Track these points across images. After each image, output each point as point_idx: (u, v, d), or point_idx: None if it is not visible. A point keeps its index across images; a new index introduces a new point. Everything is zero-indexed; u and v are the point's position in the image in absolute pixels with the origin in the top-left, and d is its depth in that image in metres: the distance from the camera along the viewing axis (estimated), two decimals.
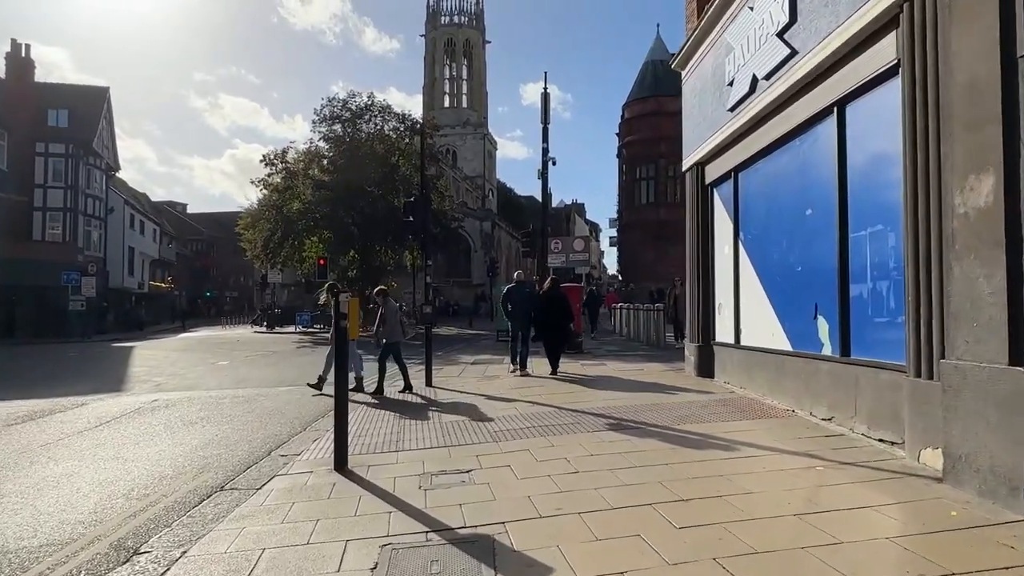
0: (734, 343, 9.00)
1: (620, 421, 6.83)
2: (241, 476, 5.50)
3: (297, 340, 25.68)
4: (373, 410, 8.49)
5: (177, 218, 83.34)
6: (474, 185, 63.43)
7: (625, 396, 8.56)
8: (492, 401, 8.73)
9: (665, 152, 43.07)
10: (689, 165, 10.59)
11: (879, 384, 5.48)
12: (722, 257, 9.65)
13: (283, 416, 8.58)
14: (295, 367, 15.35)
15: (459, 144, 65.23)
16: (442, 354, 17.43)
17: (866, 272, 5.81)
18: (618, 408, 7.59)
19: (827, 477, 4.57)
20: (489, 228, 50.42)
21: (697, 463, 5.06)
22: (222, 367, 16.01)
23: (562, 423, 6.88)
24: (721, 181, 9.61)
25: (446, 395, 9.57)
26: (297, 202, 30.00)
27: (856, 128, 6.00)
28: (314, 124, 31.79)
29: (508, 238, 59.20)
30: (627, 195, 46.50)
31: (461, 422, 7.28)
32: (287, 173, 30.90)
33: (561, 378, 11.01)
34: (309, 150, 31.60)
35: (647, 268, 42.27)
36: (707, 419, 6.78)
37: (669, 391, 8.89)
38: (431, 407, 8.50)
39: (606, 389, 9.31)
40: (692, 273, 10.45)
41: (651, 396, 8.48)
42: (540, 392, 9.30)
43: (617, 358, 14.14)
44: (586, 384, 10.02)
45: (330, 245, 31.42)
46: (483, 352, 17.25)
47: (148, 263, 50.74)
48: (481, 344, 20.89)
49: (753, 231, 8.54)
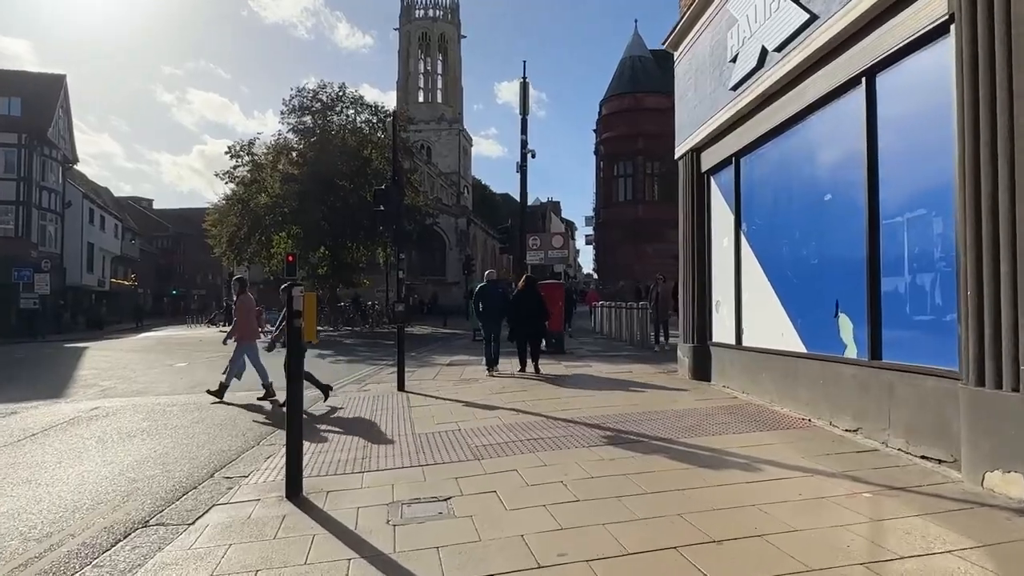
0: (735, 344, 8.27)
1: (618, 433, 6.03)
2: (173, 506, 4.58)
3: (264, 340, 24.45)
4: (340, 420, 7.59)
5: (142, 214, 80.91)
6: (449, 182, 62.37)
7: (618, 402, 7.78)
8: (471, 408, 7.88)
9: (643, 149, 42.70)
10: (683, 152, 9.85)
11: (921, 392, 4.76)
12: (720, 250, 8.93)
13: (236, 427, 7.63)
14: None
15: (434, 140, 64.11)
16: (416, 355, 16.52)
17: (903, 264, 5.09)
18: (613, 417, 6.80)
19: (882, 507, 3.82)
20: (464, 225, 49.44)
21: (719, 488, 4.28)
22: (179, 370, 14.91)
23: (553, 436, 6.06)
24: (719, 168, 8.88)
25: (420, 401, 8.70)
26: (264, 196, 28.77)
27: (890, 100, 5.27)
28: (282, 115, 30.62)
29: (484, 235, 58.28)
30: (605, 192, 45.95)
31: (437, 435, 6.42)
32: (254, 166, 29.62)
33: (544, 380, 10.21)
34: (277, 142, 30.37)
35: (624, 266, 41.80)
36: (716, 430, 6.01)
37: (665, 397, 8.13)
38: (403, 416, 7.62)
39: (595, 394, 8.52)
40: (686, 268, 9.72)
41: (647, 402, 7.71)
42: (524, 398, 8.48)
43: (601, 359, 13.38)
44: (572, 388, 9.22)
45: (299, 241, 30.19)
46: (459, 352, 16.38)
47: (109, 260, 48.82)
48: (457, 344, 20.01)
49: (758, 221, 7.82)
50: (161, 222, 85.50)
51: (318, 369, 14.40)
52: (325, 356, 17.48)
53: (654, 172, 43.38)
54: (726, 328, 8.65)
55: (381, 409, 8.23)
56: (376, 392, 9.86)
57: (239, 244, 29.28)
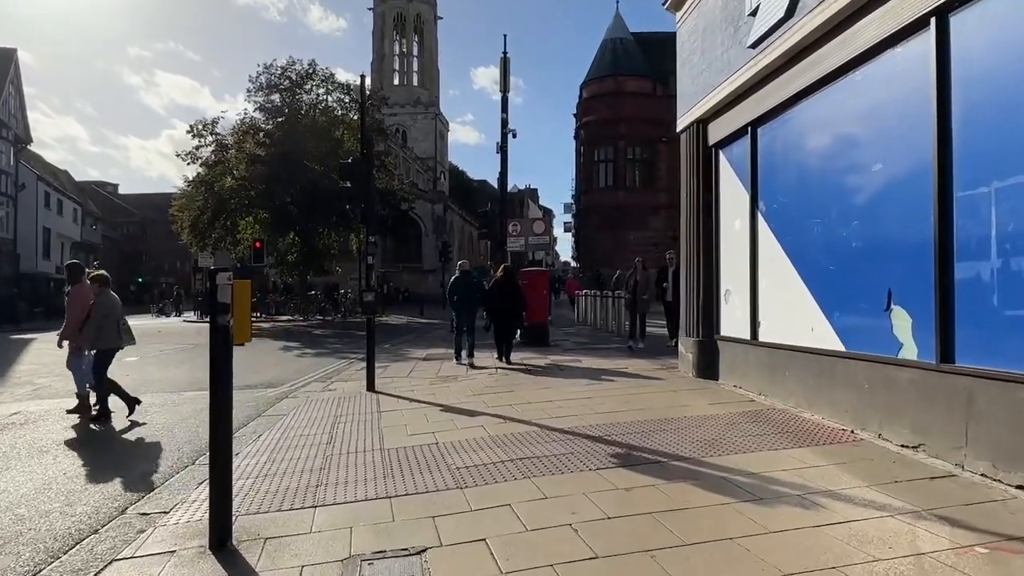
0: (750, 338, 7.30)
1: (629, 450, 5.02)
2: (58, 562, 3.46)
3: None
4: (296, 429, 6.47)
5: (106, 199, 78.16)
6: (425, 167, 60.77)
7: (619, 407, 6.77)
8: (451, 414, 6.82)
9: (624, 134, 41.73)
10: (687, 124, 8.82)
11: (1015, 404, 3.81)
12: (731, 233, 7.94)
13: (171, 439, 6.47)
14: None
15: (409, 124, 62.39)
16: (389, 347, 15.39)
17: (989, 245, 4.12)
18: (619, 427, 5.79)
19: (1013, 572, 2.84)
20: (441, 211, 48.11)
21: (778, 537, 3.28)
22: (126, 365, 13.56)
23: (551, 453, 5.02)
24: (731, 140, 7.88)
25: (391, 404, 7.61)
26: (229, 178, 27.21)
27: (970, 44, 4.28)
28: (249, 93, 28.97)
29: (461, 222, 57.03)
30: (585, 178, 44.91)
31: (411, 450, 5.35)
32: (218, 146, 28.00)
33: (530, 375, 9.20)
34: (243, 121, 28.75)
35: (604, 254, 40.86)
36: (745, 445, 5.03)
37: (673, 400, 7.15)
38: (371, 424, 6.53)
39: (591, 395, 7.51)
40: (690, 253, 8.73)
41: (653, 407, 6.71)
42: (510, 400, 7.44)
43: (591, 352, 12.38)
44: (563, 387, 8.20)
45: (267, 226, 28.73)
46: (436, 345, 15.27)
47: (68, 246, 46.63)
48: (433, 335, 18.90)
49: (780, 199, 6.83)
50: (127, 207, 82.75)
51: (283, 364, 13.29)
52: (291, 349, 16.28)
53: (635, 158, 42.48)
54: (738, 321, 7.69)
55: (346, 415, 7.12)
56: (342, 392, 8.75)
57: (203, 229, 27.71)
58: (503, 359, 11.01)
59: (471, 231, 62.53)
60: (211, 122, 27.80)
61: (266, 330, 23.24)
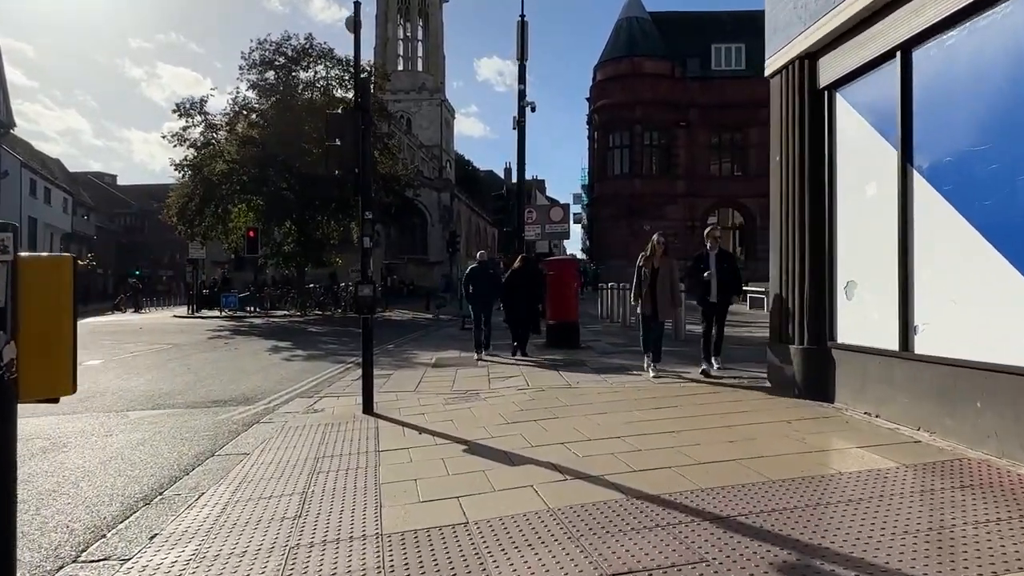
0: (897, 349, 5.18)
1: (800, 557, 2.92)
2: None
3: (216, 327, 21.11)
4: (251, 484, 4.40)
5: (103, 190, 76.26)
6: (431, 155, 58.47)
7: (724, 450, 4.67)
8: (481, 460, 4.73)
9: (641, 118, 39.45)
10: (783, 63, 6.69)
11: None
12: (858, 205, 5.83)
13: (99, 484, 4.43)
14: (189, 371, 11.04)
15: (414, 111, 60.03)
16: (393, 348, 13.34)
17: None
18: (746, 496, 3.68)
19: None
20: (448, 200, 45.88)
21: None
22: (88, 370, 11.55)
23: (662, 561, 2.93)
24: (859, 75, 5.75)
25: (394, 438, 5.54)
26: (220, 161, 25.11)
27: None
28: (241, 70, 26.77)
29: (468, 212, 54.82)
30: (598, 165, 42.68)
31: (425, 542, 3.26)
32: (207, 126, 25.87)
33: (573, 390, 7.10)
34: (235, 100, 26.63)
35: (620, 246, 38.66)
36: (1005, 554, 2.93)
37: (791, 435, 5.04)
38: (364, 481, 4.45)
39: (673, 428, 5.40)
40: (785, 234, 6.62)
41: (775, 451, 4.60)
42: (560, 433, 5.34)
43: (635, 357, 10.26)
44: (626, 412, 6.10)
45: (261, 214, 26.63)
46: (447, 346, 13.19)
47: (58, 237, 44.70)
48: (443, 333, 16.82)
49: (962, 151, 4.69)
50: (124, 198, 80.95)
51: (267, 370, 11.18)
52: (280, 350, 14.23)
53: (653, 143, 40.20)
54: (872, 323, 5.58)
55: (332, 457, 5.05)
56: (330, 416, 6.68)
57: (191, 217, 25.61)
58: (519, 353, 10.59)
59: (479, 222, 60.42)
60: (199, 101, 25.68)
61: (257, 327, 21.21)
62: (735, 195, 40.45)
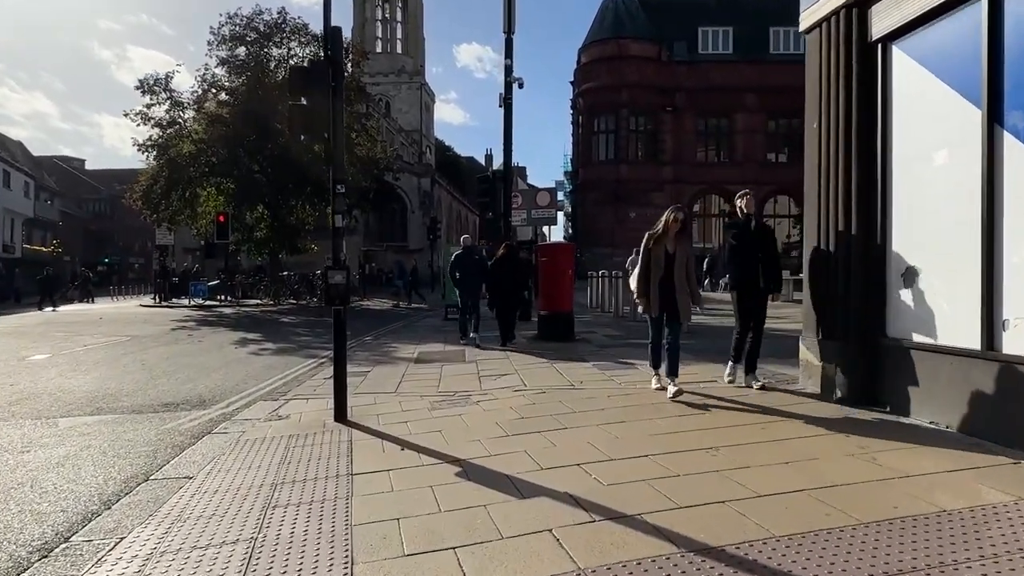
0: (980, 347, 4.31)
1: None
2: None
3: (182, 318, 19.86)
4: (187, 523, 3.40)
5: (70, 175, 73.66)
6: (410, 139, 56.95)
7: (781, 477, 3.76)
8: (478, 489, 3.77)
9: (627, 102, 38.48)
10: (824, 14, 5.76)
11: None
12: (924, 175, 4.94)
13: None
14: (144, 367, 9.92)
15: (393, 94, 58.43)
16: (371, 340, 12.34)
17: None
18: (854, 559, 2.77)
19: None
20: (428, 185, 44.56)
21: None
22: (30, 366, 10.38)
23: None
24: (924, 23, 4.84)
25: (372, 457, 4.55)
26: (187, 141, 23.69)
27: None
28: (210, 45, 25.27)
29: (449, 198, 53.54)
30: (584, 150, 41.70)
31: None
32: (173, 104, 24.38)
33: (578, 391, 6.15)
34: (203, 77, 25.15)
35: (605, 233, 37.85)
36: None
37: (856, 452, 4.15)
38: (331, 518, 3.47)
39: (707, 443, 4.49)
40: (823, 211, 5.73)
41: (851, 477, 3.70)
42: (571, 451, 4.40)
43: (638, 351, 9.37)
44: (647, 422, 5.17)
45: (232, 198, 25.27)
46: (430, 338, 12.20)
47: (20, 223, 42.71)
48: (425, 324, 15.80)
49: None
50: (93, 184, 78.29)
51: (231, 366, 10.01)
52: (249, 342, 13.13)
53: (639, 128, 39.29)
54: (942, 316, 4.71)
55: (293, 483, 4.06)
56: (295, 424, 5.68)
57: (155, 200, 24.17)
58: (506, 342, 10.35)
59: (460, 208, 59.19)
60: (164, 77, 24.16)
61: (227, 317, 20.00)
62: (722, 182, 39.75)
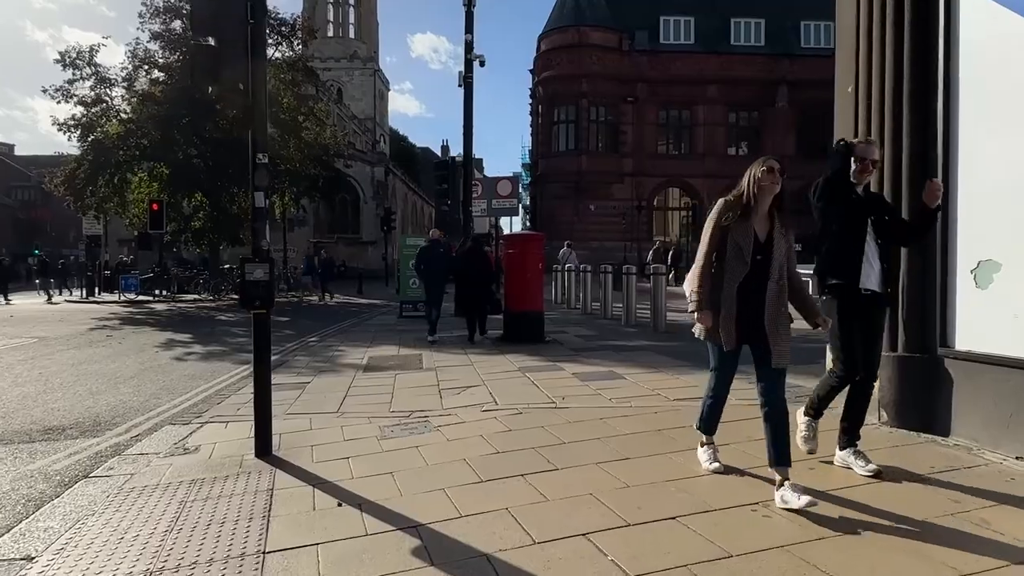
0: None
1: None
2: None
3: (106, 315, 17.96)
4: None
5: None
6: (363, 127, 54.84)
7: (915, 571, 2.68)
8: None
9: (587, 92, 37.52)
10: None
11: None
12: (1007, 144, 3.94)
13: None
14: (40, 377, 8.35)
15: (346, 80, 56.17)
16: (315, 342, 10.97)
17: None
18: None
19: None
20: (382, 175, 42.72)
21: None
22: None
23: None
24: None
25: (298, 519, 3.31)
26: (115, 121, 21.64)
27: None
28: (142, 18, 23.12)
29: (405, 189, 51.77)
30: (543, 140, 40.63)
31: None
32: (99, 80, 22.21)
33: (561, 412, 4.98)
34: (135, 52, 23.02)
35: (564, 226, 36.80)
36: None
37: (958, 508, 3.11)
38: None
39: (746, 495, 3.40)
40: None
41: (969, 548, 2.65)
42: (574, 499, 3.26)
43: (617, 355, 8.30)
44: (663, 452, 4.06)
45: (166, 184, 23.27)
46: (383, 339, 10.88)
47: None
48: (377, 322, 14.44)
49: None
50: (22, 170, 73.63)
51: (145, 375, 8.11)
52: (175, 344, 11.57)
53: (599, 119, 38.40)
54: None
55: (172, 571, 2.79)
56: (203, 465, 4.37)
57: (79, 186, 22.01)
58: (472, 339, 9.90)
59: (415, 199, 57.49)
60: (88, 50, 21.96)
61: (157, 315, 18.19)
62: (682, 175, 39.27)
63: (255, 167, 4.52)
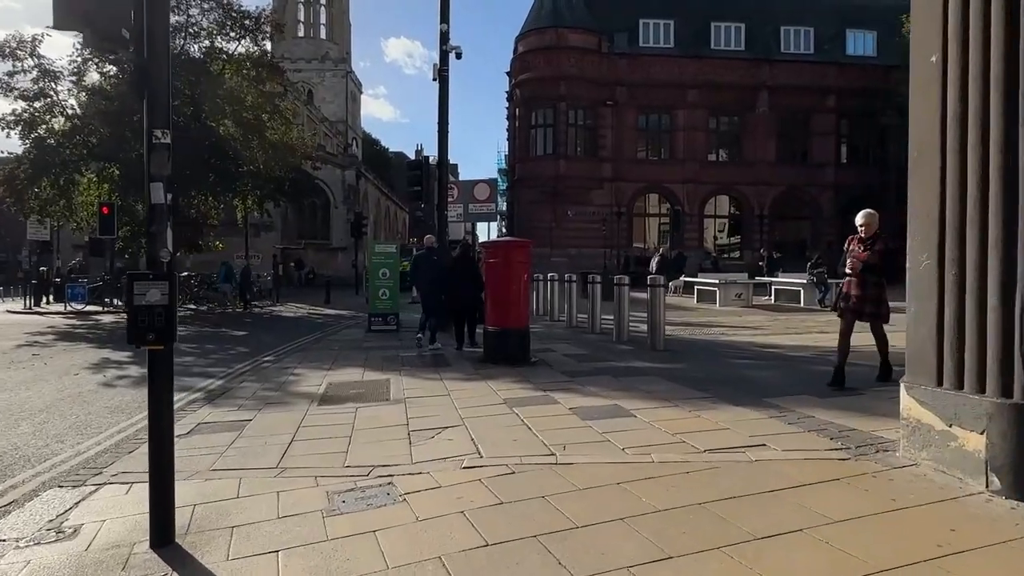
0: None
1: None
2: None
3: (43, 328, 16.37)
4: None
5: None
6: (335, 130, 53.24)
7: None
8: None
9: (565, 95, 36.56)
10: None
11: None
12: None
13: None
14: None
15: (316, 82, 54.54)
16: (271, 362, 9.69)
17: None
18: None
19: None
20: (354, 179, 41.19)
21: None
22: None
23: None
24: None
25: None
26: (61, 117, 20.02)
27: None
28: None
29: (377, 194, 50.28)
30: (520, 144, 39.56)
31: None
32: (42, 73, 20.54)
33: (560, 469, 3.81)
34: (83, 44, 21.38)
35: (542, 232, 35.71)
36: None
37: None
38: None
39: None
40: (949, 188, 3.64)
41: None
42: None
43: (617, 380, 7.17)
44: (726, 545, 2.94)
45: (118, 185, 21.67)
46: (347, 360, 9.60)
47: None
48: (343, 338, 13.14)
49: None
50: None
51: (59, 405, 6.45)
52: (109, 365, 10.17)
53: (577, 123, 37.45)
54: None
55: None
56: (75, 562, 3.10)
57: (19, 187, 20.30)
58: (461, 347, 9.79)
59: (388, 205, 56.03)
60: (31, 39, 20.29)
61: (101, 328, 16.64)
62: (662, 180, 38.48)
63: (151, 148, 3.32)
